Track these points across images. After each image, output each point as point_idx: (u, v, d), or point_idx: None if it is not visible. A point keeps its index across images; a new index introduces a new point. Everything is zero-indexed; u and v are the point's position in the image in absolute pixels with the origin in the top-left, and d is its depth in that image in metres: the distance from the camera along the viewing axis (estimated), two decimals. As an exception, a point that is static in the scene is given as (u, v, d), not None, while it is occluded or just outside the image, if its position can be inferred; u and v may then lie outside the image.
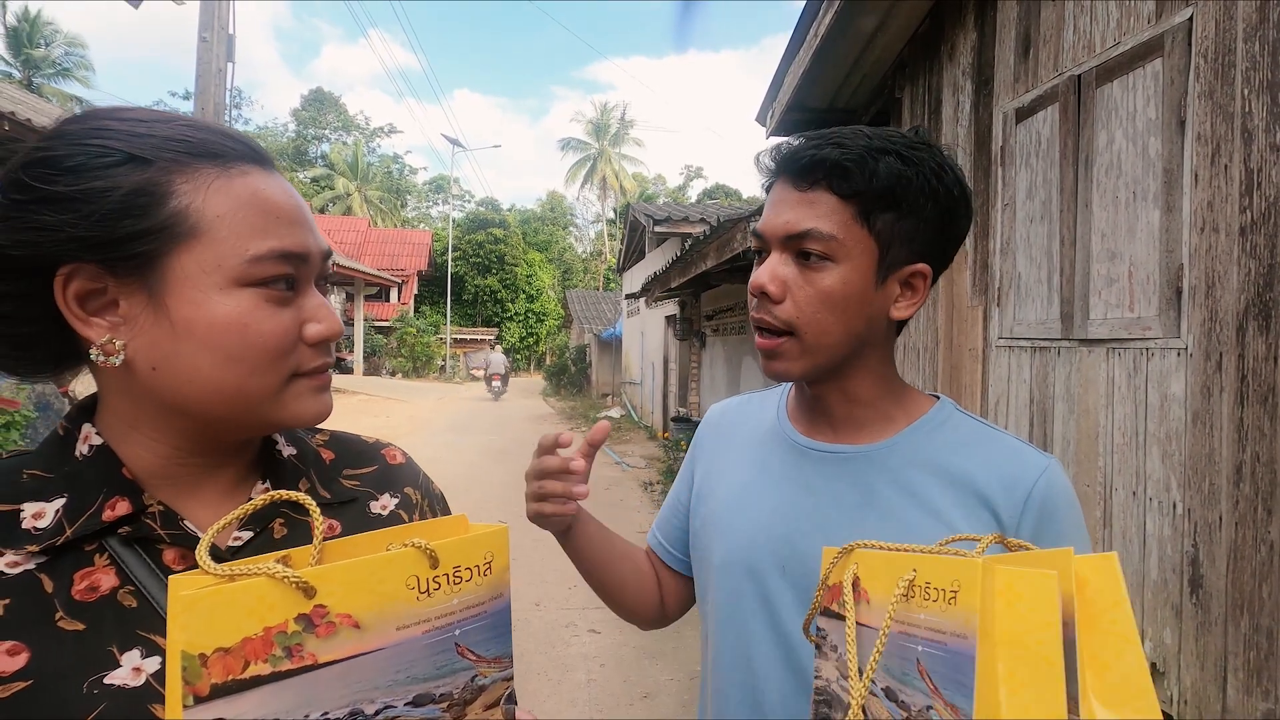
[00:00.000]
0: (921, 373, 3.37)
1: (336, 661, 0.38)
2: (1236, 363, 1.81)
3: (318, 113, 39.46)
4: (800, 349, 0.69)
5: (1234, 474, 1.81)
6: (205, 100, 5.65)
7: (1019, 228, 2.68)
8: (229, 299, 0.48)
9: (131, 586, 0.48)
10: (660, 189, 44.02)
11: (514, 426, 13.16)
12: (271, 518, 0.55)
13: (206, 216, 0.47)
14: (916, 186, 0.66)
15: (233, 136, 0.52)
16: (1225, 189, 1.84)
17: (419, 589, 0.41)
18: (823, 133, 0.69)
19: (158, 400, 0.50)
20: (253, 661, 0.35)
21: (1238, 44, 1.82)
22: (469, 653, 0.44)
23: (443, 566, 0.43)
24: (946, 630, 0.41)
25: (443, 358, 26.84)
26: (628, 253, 16.13)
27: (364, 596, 0.39)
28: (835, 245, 0.66)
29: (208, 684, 0.34)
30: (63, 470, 0.50)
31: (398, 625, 0.40)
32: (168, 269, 0.47)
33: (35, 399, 4.95)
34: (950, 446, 0.72)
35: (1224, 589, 1.83)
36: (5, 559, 0.46)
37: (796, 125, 4.12)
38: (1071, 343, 2.39)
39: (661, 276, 9.11)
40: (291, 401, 0.52)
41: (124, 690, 0.45)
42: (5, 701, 0.42)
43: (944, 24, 3.20)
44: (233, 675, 0.35)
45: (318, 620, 0.38)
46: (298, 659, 0.37)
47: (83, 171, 0.46)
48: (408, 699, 0.41)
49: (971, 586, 0.40)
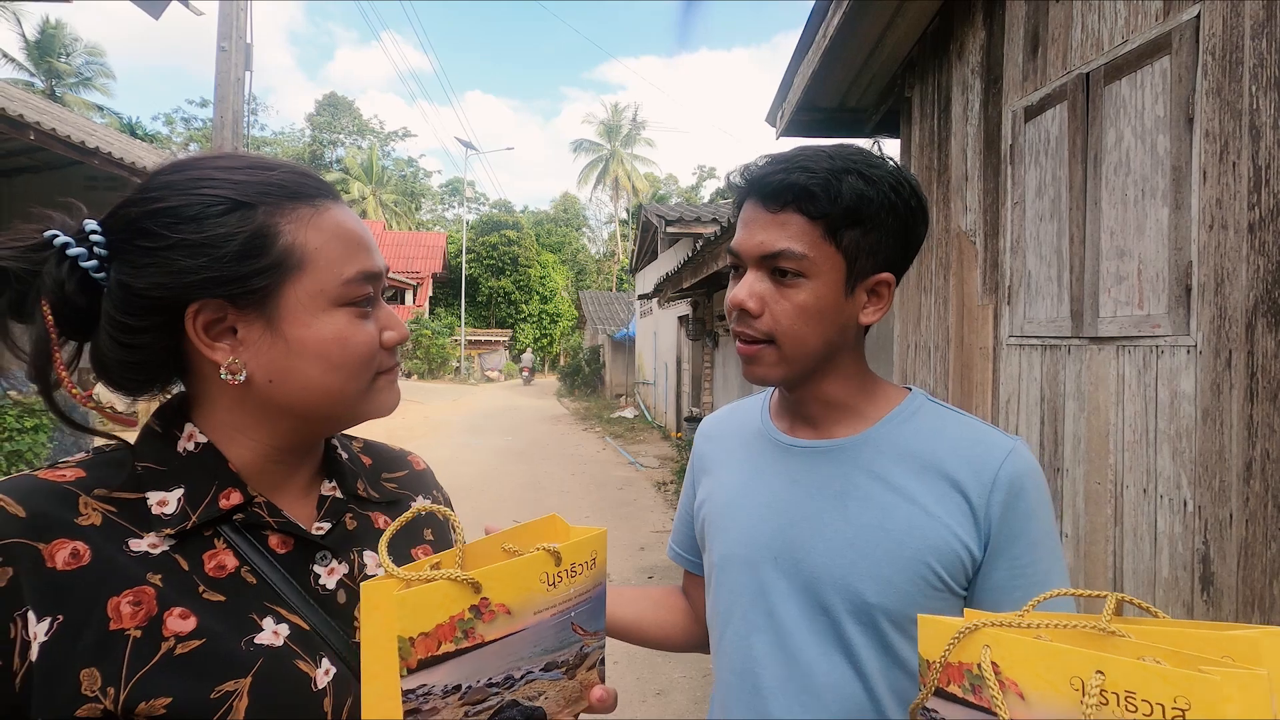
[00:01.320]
0: (932, 371, 3.37)
1: (497, 640, 0.50)
2: (1246, 359, 1.81)
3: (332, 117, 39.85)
4: (778, 356, 0.75)
5: (1244, 471, 1.81)
6: (224, 108, 5.75)
7: (1028, 226, 2.68)
8: (331, 318, 0.57)
9: (248, 566, 0.56)
10: (672, 189, 43.99)
11: (529, 428, 13.23)
12: (344, 512, 0.65)
13: (309, 250, 0.56)
14: (878, 203, 0.72)
15: (311, 176, 0.60)
16: (1234, 186, 1.84)
17: (548, 582, 0.53)
18: (787, 154, 0.75)
19: (272, 407, 0.58)
20: (444, 641, 0.47)
21: (1245, 41, 1.82)
22: (579, 629, 0.56)
23: (563, 564, 0.54)
24: None
25: (457, 359, 27.01)
26: (640, 253, 16.16)
27: (513, 590, 0.50)
28: (807, 263, 0.72)
29: (415, 659, 0.45)
30: (172, 464, 0.57)
31: (535, 610, 0.52)
32: (282, 297, 0.56)
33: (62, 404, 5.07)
34: (920, 435, 0.77)
35: (1235, 586, 1.82)
36: (147, 540, 0.53)
37: (806, 125, 4.13)
38: (1081, 341, 2.39)
39: (674, 277, 9.13)
40: (376, 395, 0.62)
41: (271, 649, 0.54)
42: (186, 655, 0.50)
43: (953, 23, 3.20)
44: (431, 652, 0.46)
45: (484, 609, 0.49)
46: (472, 639, 0.48)
47: (203, 220, 0.54)
48: (541, 665, 0.53)
49: (1208, 706, 0.35)
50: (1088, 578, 2.38)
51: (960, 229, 3.15)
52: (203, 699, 0.49)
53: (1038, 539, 0.72)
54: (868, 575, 0.71)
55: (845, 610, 0.72)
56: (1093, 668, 0.39)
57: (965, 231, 3.11)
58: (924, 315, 3.46)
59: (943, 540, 0.71)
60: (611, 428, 13.29)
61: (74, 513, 0.52)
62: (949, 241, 3.24)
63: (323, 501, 0.64)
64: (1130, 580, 2.19)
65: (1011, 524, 0.72)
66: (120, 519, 0.53)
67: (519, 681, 0.51)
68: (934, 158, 3.39)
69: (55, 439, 4.89)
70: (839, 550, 0.73)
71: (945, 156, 3.29)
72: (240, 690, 0.51)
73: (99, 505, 0.53)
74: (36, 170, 10.24)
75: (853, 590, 0.72)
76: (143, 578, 0.51)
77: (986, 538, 0.72)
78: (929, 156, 3.43)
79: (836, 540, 0.74)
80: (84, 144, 7.67)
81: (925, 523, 0.72)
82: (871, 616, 0.71)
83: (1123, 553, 2.23)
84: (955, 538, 0.72)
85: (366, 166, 36.88)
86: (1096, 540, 2.34)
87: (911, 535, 0.72)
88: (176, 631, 0.51)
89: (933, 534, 0.71)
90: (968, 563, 0.72)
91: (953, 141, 3.22)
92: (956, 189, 3.18)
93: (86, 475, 0.55)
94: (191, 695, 0.49)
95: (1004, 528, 0.72)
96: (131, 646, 0.49)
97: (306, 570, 0.59)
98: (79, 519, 0.51)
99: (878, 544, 0.72)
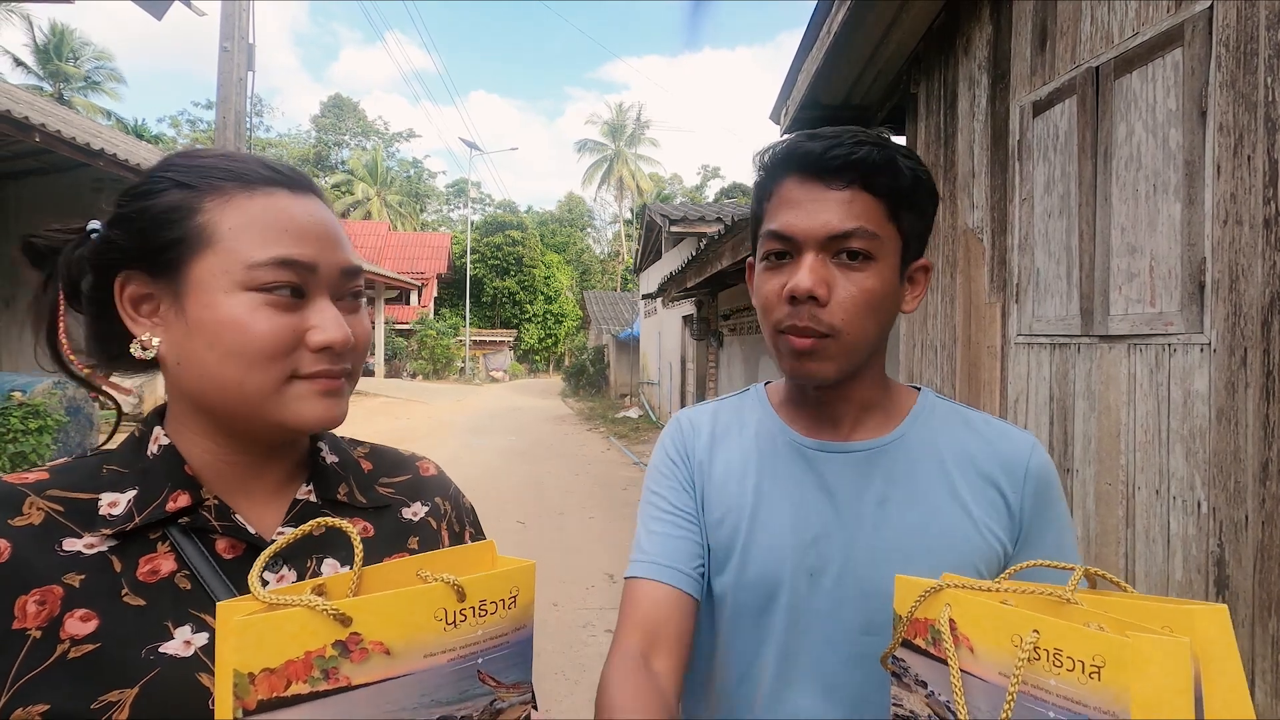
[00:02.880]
0: (939, 371, 3.33)
1: (369, 684, 0.41)
2: (1262, 358, 1.77)
3: (337, 119, 39.98)
4: (839, 349, 0.68)
5: (1260, 471, 1.77)
6: (227, 109, 5.75)
7: (1037, 223, 2.64)
8: (232, 301, 0.53)
9: (187, 571, 0.55)
10: (677, 189, 43.98)
11: (533, 428, 13.23)
12: (312, 516, 0.61)
13: (221, 229, 0.54)
14: (925, 186, 0.70)
15: (269, 165, 0.58)
16: (1248, 180, 1.80)
17: (446, 620, 0.45)
18: (833, 131, 0.69)
19: (186, 395, 0.58)
20: (294, 681, 0.39)
21: (1260, 32, 1.77)
22: (490, 679, 0.47)
23: (469, 600, 0.45)
24: (1090, 704, 0.40)
25: (462, 359, 27.06)
26: (644, 253, 16.14)
27: (395, 626, 0.43)
28: (877, 243, 0.67)
29: (255, 699, 0.39)
30: (137, 466, 0.57)
31: (425, 653, 0.44)
32: (189, 275, 0.54)
33: (66, 404, 5.07)
34: (947, 434, 0.75)
35: (1251, 590, 1.78)
36: (84, 540, 0.53)
37: (810, 123, 4.09)
38: (1092, 339, 2.35)
39: (678, 276, 9.10)
40: (292, 402, 0.56)
41: (175, 659, 0.51)
42: (78, 660, 0.48)
43: (959, 17, 3.16)
44: (276, 693, 0.39)
45: (352, 646, 0.41)
46: (334, 680, 0.41)
47: (144, 196, 0.56)
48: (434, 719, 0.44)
49: (1121, 665, 0.39)
50: (1098, 580, 2.34)
51: (967, 226, 3.11)
52: (83, 709, 0.47)
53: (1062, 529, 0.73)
54: None
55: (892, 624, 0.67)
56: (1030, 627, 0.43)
57: (972, 229, 3.07)
58: (931, 314, 3.42)
59: (985, 542, 0.70)
60: (616, 428, 13.28)
61: (13, 513, 0.52)
62: (956, 239, 3.20)
63: (293, 505, 0.61)
64: (1142, 583, 2.15)
65: (1041, 516, 0.72)
66: (64, 519, 0.53)
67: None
68: (940, 154, 3.35)
69: (59, 440, 4.89)
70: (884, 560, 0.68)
71: (952, 153, 3.25)
72: (123, 702, 0.48)
73: (45, 505, 0.53)
74: (44, 173, 10.30)
75: None
76: (56, 578, 0.50)
77: (1018, 531, 0.72)
78: (935, 153, 3.39)
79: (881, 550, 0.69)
80: (89, 146, 7.69)
81: (968, 525, 0.70)
82: None
83: (1134, 555, 2.19)
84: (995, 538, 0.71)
85: (371, 168, 36.97)
86: (1108, 542, 2.30)
87: (957, 538, 0.69)
88: (73, 634, 0.49)
89: (976, 536, 0.70)
90: (1003, 560, 0.72)
91: (959, 138, 3.18)
92: (963, 186, 3.14)
93: (49, 477, 0.56)
94: (71, 704, 0.47)
95: (1034, 520, 0.72)
96: (29, 647, 0.48)
97: None
98: (15, 519, 0.52)
99: (925, 549, 0.69)
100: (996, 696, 0.44)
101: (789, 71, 3.92)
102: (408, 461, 0.73)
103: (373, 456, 0.71)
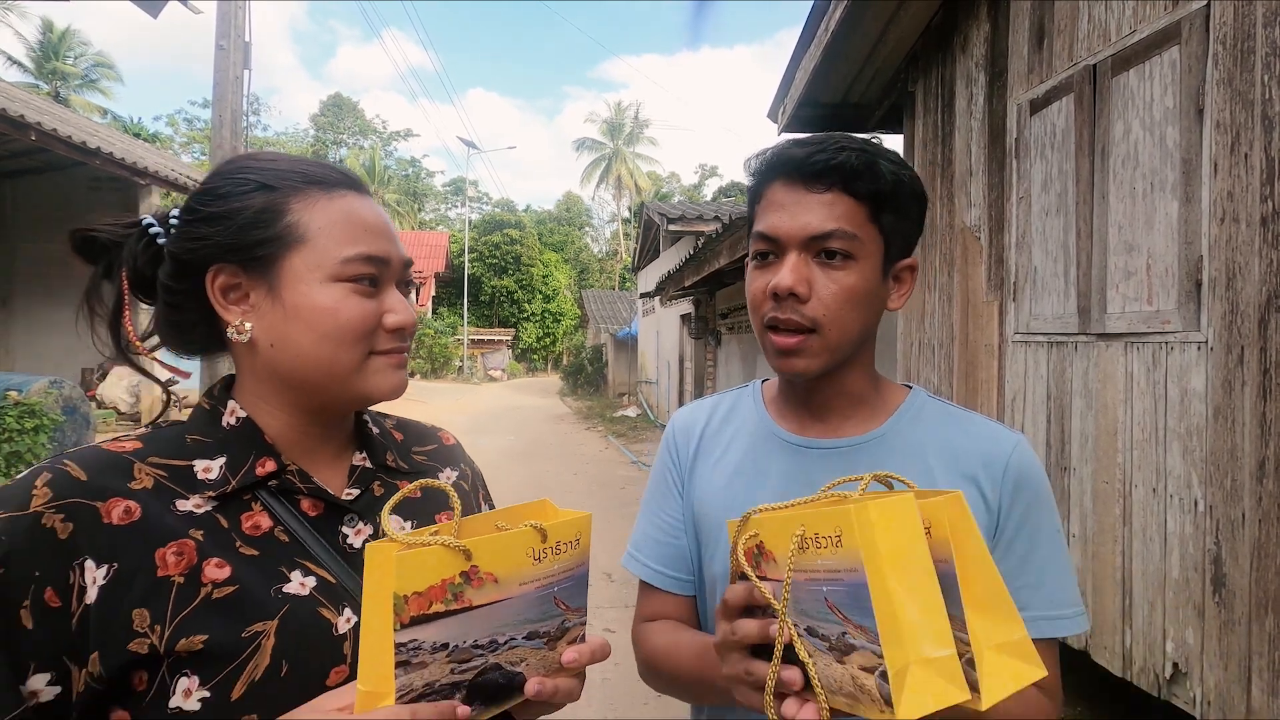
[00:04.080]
0: (936, 369, 3.33)
1: (483, 605, 0.53)
2: (1259, 356, 1.77)
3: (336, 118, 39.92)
4: (822, 345, 0.72)
5: (1257, 470, 1.77)
6: (223, 107, 5.73)
7: (1034, 221, 2.64)
8: (326, 290, 0.63)
9: (282, 527, 0.63)
10: (675, 188, 43.94)
11: (532, 427, 13.22)
12: (372, 480, 0.71)
13: (311, 228, 0.63)
14: (908, 187, 0.73)
15: (337, 170, 0.68)
16: (1246, 178, 1.80)
17: (535, 556, 0.56)
18: (818, 137, 0.74)
19: (276, 374, 0.65)
20: (434, 602, 0.51)
21: (1257, 29, 1.77)
22: (562, 603, 0.59)
23: (549, 540, 0.57)
24: (841, 568, 0.49)
25: (460, 358, 27.04)
26: (643, 252, 16.13)
27: (502, 561, 0.54)
28: (856, 244, 0.71)
29: (408, 615, 0.50)
30: (217, 436, 0.65)
31: (520, 582, 0.56)
32: (283, 268, 0.63)
33: (63, 404, 5.06)
34: (933, 431, 0.77)
35: (1247, 587, 1.78)
36: (192, 501, 0.61)
37: (808, 121, 4.09)
38: (1089, 337, 2.35)
39: (675, 275, 9.10)
40: (372, 375, 0.66)
41: (298, 596, 0.61)
42: (222, 600, 0.57)
43: (957, 16, 3.16)
44: (423, 610, 0.50)
45: (473, 576, 0.53)
46: (460, 602, 0.52)
47: (229, 197, 0.64)
48: (524, 634, 0.57)
49: (850, 530, 0.48)
50: (1095, 578, 2.34)
51: (964, 225, 3.11)
52: (234, 638, 0.57)
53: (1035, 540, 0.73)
54: None
55: None
56: (799, 524, 0.51)
57: (970, 227, 3.07)
58: (928, 312, 3.42)
59: None
60: (614, 427, 13.26)
61: (129, 477, 0.59)
62: (953, 237, 3.20)
63: (353, 470, 0.71)
64: (1139, 581, 2.15)
65: (1017, 514, 0.73)
66: (169, 483, 0.61)
67: (502, 646, 0.55)
68: (938, 153, 3.34)
69: (56, 440, 4.88)
70: None
71: (949, 151, 3.24)
72: (268, 631, 0.58)
73: (151, 471, 0.61)
74: (39, 171, 10.25)
75: None
76: (185, 532, 0.59)
77: (995, 527, 0.73)
78: (933, 151, 3.39)
79: None
80: (86, 144, 7.66)
81: None
82: None
83: (1131, 553, 2.19)
84: None
85: (369, 167, 36.92)
86: (1105, 541, 2.30)
87: None
88: (213, 579, 0.58)
89: None
90: None
91: (957, 136, 3.18)
92: (961, 184, 3.14)
93: (143, 446, 0.62)
94: (224, 634, 0.56)
95: (1010, 518, 0.73)
96: (175, 591, 0.56)
97: (336, 531, 0.66)
98: (132, 483, 0.59)
99: None
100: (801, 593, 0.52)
101: (786, 70, 3.91)
102: (431, 433, 0.85)
103: (401, 428, 0.82)
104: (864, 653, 0.47)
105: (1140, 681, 2.14)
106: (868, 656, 0.47)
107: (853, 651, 0.48)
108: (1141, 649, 2.14)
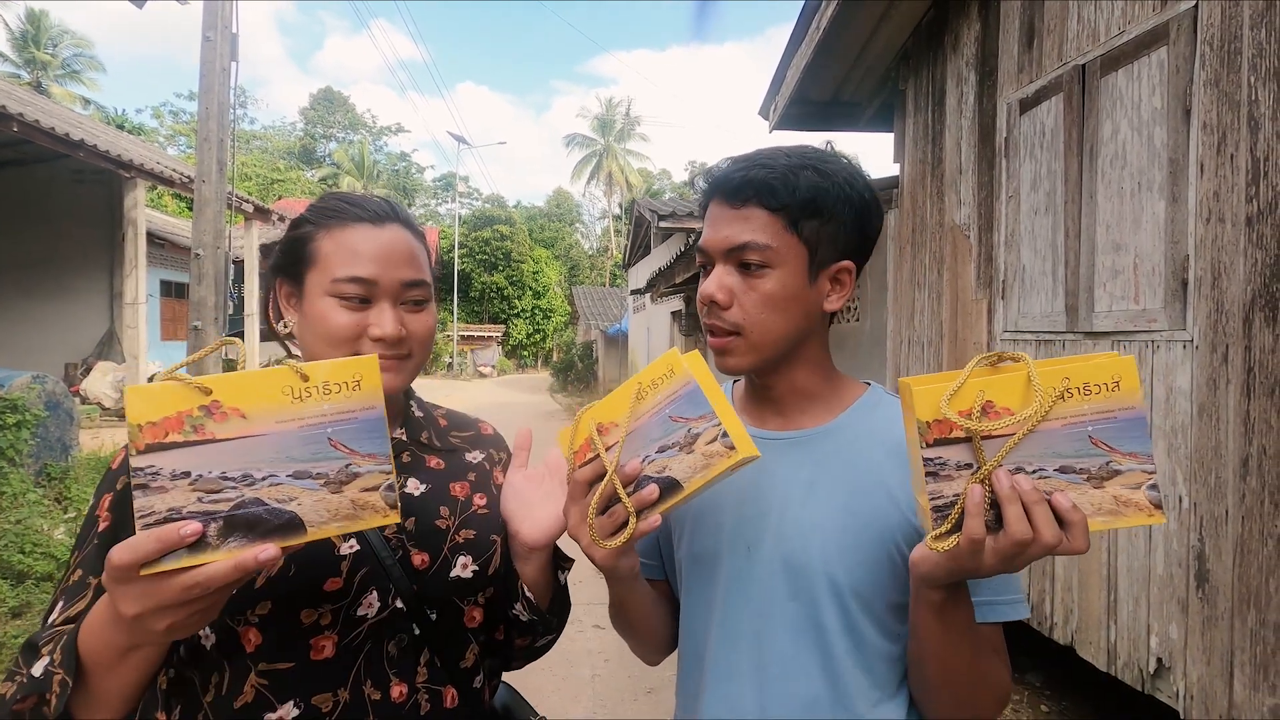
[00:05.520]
0: (926, 367, 3.34)
1: (230, 439, 0.57)
2: (1243, 354, 1.79)
3: (326, 112, 39.57)
4: (747, 345, 0.79)
5: (1241, 467, 1.79)
6: (210, 100, 5.66)
7: (1023, 220, 2.65)
8: (323, 303, 0.79)
9: None
10: (666, 184, 43.92)
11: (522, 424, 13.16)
12: (403, 450, 0.87)
13: (322, 253, 0.80)
14: (834, 195, 0.77)
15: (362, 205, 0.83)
16: (1231, 179, 1.82)
17: (293, 395, 0.59)
18: (747, 155, 0.81)
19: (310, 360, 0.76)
20: (170, 433, 0.56)
21: (1244, 31, 1.79)
22: (341, 445, 0.60)
23: (313, 380, 0.60)
24: (1116, 408, 0.59)
25: (450, 355, 26.91)
26: (633, 248, 16.11)
27: (249, 397, 0.58)
28: (770, 253, 0.76)
29: (143, 443, 0.56)
30: None
31: (277, 419, 0.59)
32: (305, 283, 0.81)
33: (45, 399, 4.99)
34: (884, 424, 0.81)
35: (1230, 583, 1.81)
36: None
37: (800, 119, 4.09)
38: (1077, 335, 2.37)
39: (666, 272, 9.10)
40: None
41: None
42: None
43: (948, 14, 3.16)
44: (157, 439, 0.56)
45: (214, 410, 0.57)
46: (201, 434, 0.57)
47: (294, 227, 0.84)
48: (289, 472, 0.59)
49: (1131, 375, 0.59)
50: (1081, 575, 2.36)
51: (954, 223, 3.12)
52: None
53: None
54: (838, 558, 0.76)
55: (821, 593, 0.76)
56: (1063, 377, 0.60)
57: (959, 225, 3.08)
58: (917, 310, 3.43)
59: (907, 522, 0.75)
60: (604, 423, 13.26)
61: None
62: (943, 236, 3.22)
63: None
64: (1124, 577, 2.17)
65: None
66: None
67: (260, 482, 0.58)
68: (928, 151, 3.36)
69: (39, 435, 4.82)
70: (809, 535, 0.77)
71: (940, 150, 3.26)
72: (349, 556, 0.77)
73: None
74: (21, 163, 10.08)
75: (826, 573, 0.76)
76: None
77: None
78: (923, 150, 3.40)
79: (807, 525, 0.78)
80: (69, 136, 7.54)
81: (889, 507, 0.76)
82: (843, 598, 0.76)
83: (1116, 550, 2.21)
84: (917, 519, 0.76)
85: (358, 161, 36.64)
86: (1090, 537, 2.32)
87: (876, 517, 0.76)
88: None
89: (896, 515, 0.76)
90: None
91: (947, 135, 3.19)
92: (950, 183, 3.15)
93: None
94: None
95: None
96: None
97: None
98: None
99: (846, 527, 0.77)
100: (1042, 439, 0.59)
101: (778, 67, 3.91)
102: (473, 422, 1.03)
103: (449, 416, 0.99)
104: (1132, 474, 0.59)
105: (1125, 676, 2.16)
106: (1136, 476, 0.59)
107: (1115, 476, 0.59)
108: (1126, 644, 2.16)
